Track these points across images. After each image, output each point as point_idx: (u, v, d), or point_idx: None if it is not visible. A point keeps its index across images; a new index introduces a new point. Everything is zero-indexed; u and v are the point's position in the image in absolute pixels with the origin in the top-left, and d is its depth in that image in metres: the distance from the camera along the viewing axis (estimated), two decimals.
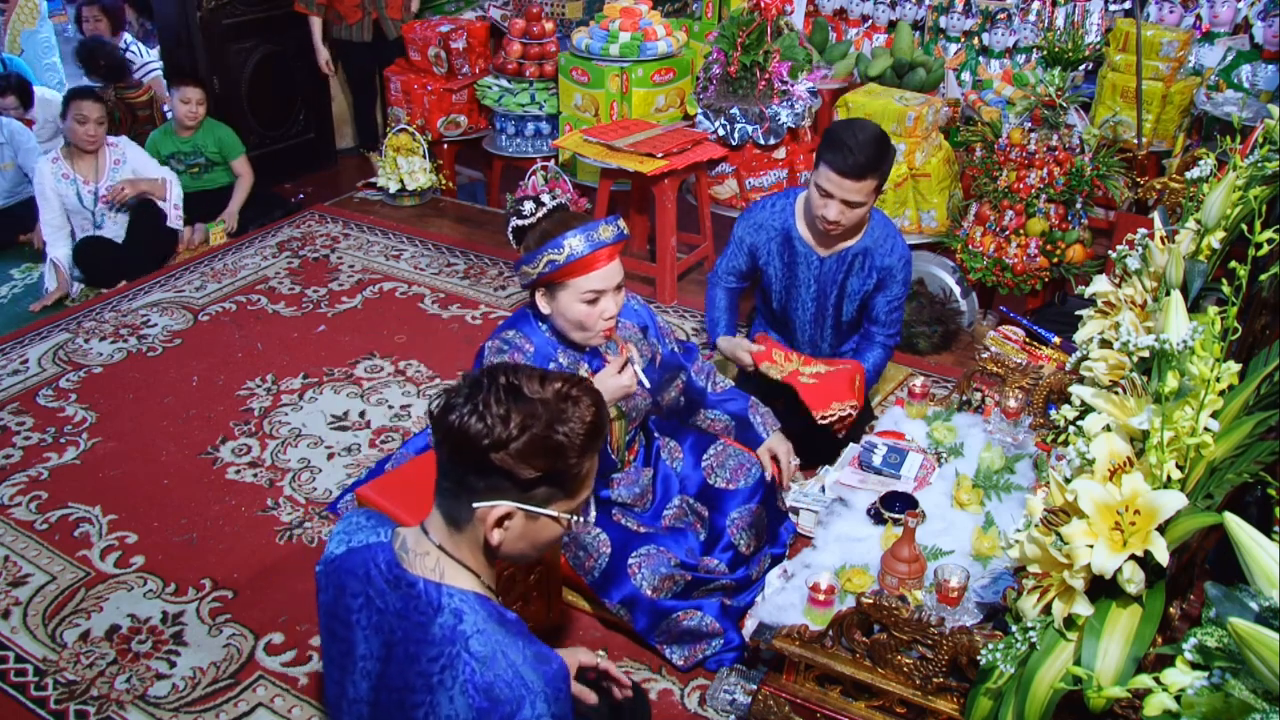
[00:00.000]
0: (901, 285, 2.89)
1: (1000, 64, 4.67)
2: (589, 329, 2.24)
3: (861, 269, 2.88)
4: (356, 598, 1.39)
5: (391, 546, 1.40)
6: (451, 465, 1.33)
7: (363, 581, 1.39)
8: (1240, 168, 1.90)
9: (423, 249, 4.50)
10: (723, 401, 2.65)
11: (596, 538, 2.40)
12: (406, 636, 1.33)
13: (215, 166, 4.72)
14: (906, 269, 2.89)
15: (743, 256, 3.00)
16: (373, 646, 1.38)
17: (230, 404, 3.37)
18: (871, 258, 2.87)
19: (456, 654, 1.29)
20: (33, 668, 2.36)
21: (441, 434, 1.31)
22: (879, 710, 1.79)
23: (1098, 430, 1.52)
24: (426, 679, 1.30)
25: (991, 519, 2.17)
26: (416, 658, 1.32)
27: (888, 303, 2.90)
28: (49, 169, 4.19)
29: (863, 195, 2.66)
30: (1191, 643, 1.16)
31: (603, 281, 2.20)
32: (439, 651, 1.30)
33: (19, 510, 2.87)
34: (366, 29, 4.84)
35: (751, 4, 4.01)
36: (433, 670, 1.30)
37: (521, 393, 1.29)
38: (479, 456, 1.28)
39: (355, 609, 1.39)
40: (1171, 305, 1.54)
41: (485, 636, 1.30)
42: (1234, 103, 4.00)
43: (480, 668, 1.28)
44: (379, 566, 1.38)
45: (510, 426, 1.27)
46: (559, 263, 2.16)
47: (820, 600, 1.95)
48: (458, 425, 1.28)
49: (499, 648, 1.30)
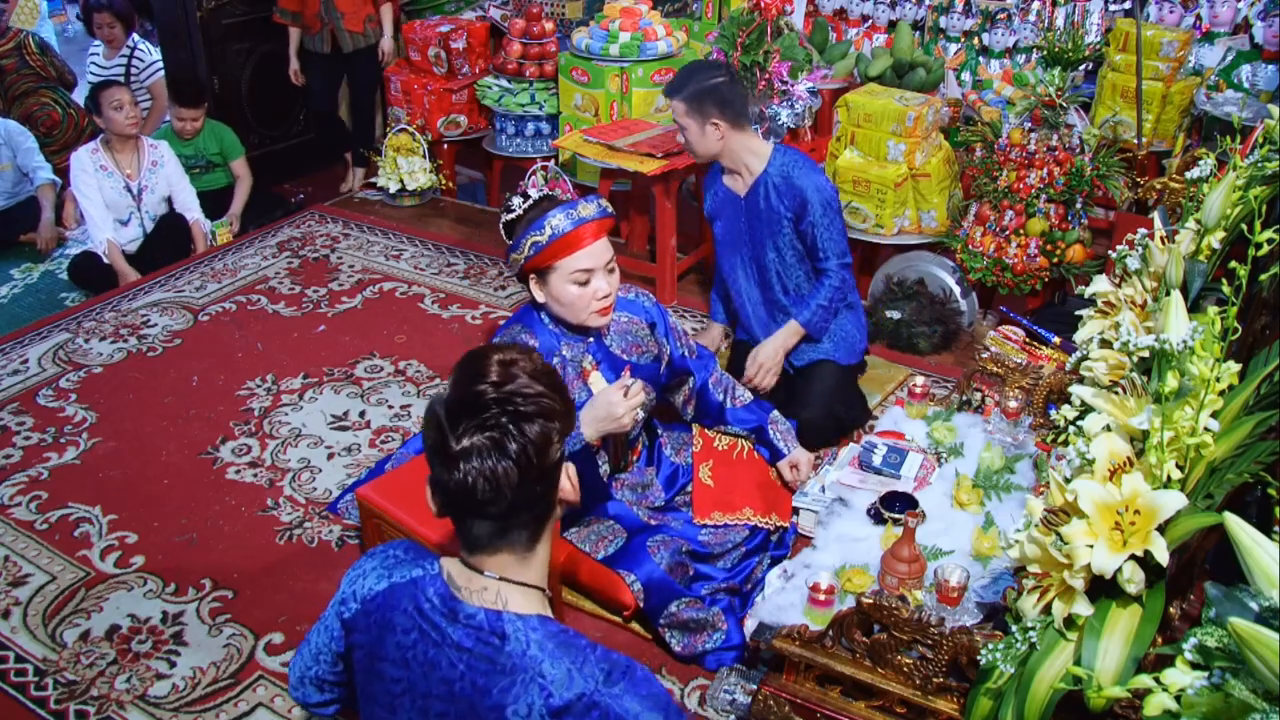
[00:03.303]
0: (820, 203, 2.95)
1: (1000, 64, 4.67)
2: (583, 310, 2.24)
3: (776, 193, 3.00)
4: (408, 633, 1.33)
5: (441, 579, 1.34)
6: (529, 492, 1.26)
7: (413, 617, 1.33)
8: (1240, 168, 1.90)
9: (423, 249, 4.50)
10: (741, 417, 2.64)
11: (610, 526, 2.41)
12: (471, 668, 1.28)
13: (216, 168, 4.73)
14: (821, 191, 2.96)
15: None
16: (432, 685, 1.31)
17: (230, 404, 3.37)
18: (774, 184, 3.01)
19: (530, 679, 1.25)
20: (33, 668, 2.36)
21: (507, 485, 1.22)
22: (879, 710, 1.79)
23: (1098, 430, 1.52)
24: (500, 711, 1.25)
25: (991, 519, 2.17)
26: (487, 690, 1.27)
27: (816, 227, 2.96)
28: (89, 160, 4.21)
29: (677, 116, 2.99)
30: (1191, 643, 1.15)
31: (590, 259, 2.20)
32: (511, 681, 1.25)
33: (19, 510, 2.87)
34: (325, 40, 4.79)
35: (751, 4, 4.01)
36: (505, 701, 1.25)
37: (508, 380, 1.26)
38: (550, 452, 1.26)
39: (408, 645, 1.33)
40: (1171, 305, 1.54)
41: (555, 660, 1.26)
42: (1234, 103, 3.99)
43: (558, 693, 1.24)
44: (431, 600, 1.32)
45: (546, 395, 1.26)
46: (542, 243, 2.16)
47: (820, 600, 1.95)
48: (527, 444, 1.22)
49: (573, 665, 1.25)
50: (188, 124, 4.57)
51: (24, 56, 5.11)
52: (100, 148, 4.24)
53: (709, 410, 2.64)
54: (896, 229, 3.90)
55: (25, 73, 5.09)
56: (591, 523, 2.43)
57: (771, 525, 2.54)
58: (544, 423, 1.24)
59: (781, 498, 2.62)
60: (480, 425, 1.22)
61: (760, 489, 2.58)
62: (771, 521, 2.54)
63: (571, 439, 2.18)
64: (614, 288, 2.27)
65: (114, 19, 5.23)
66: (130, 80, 5.32)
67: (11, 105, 5.15)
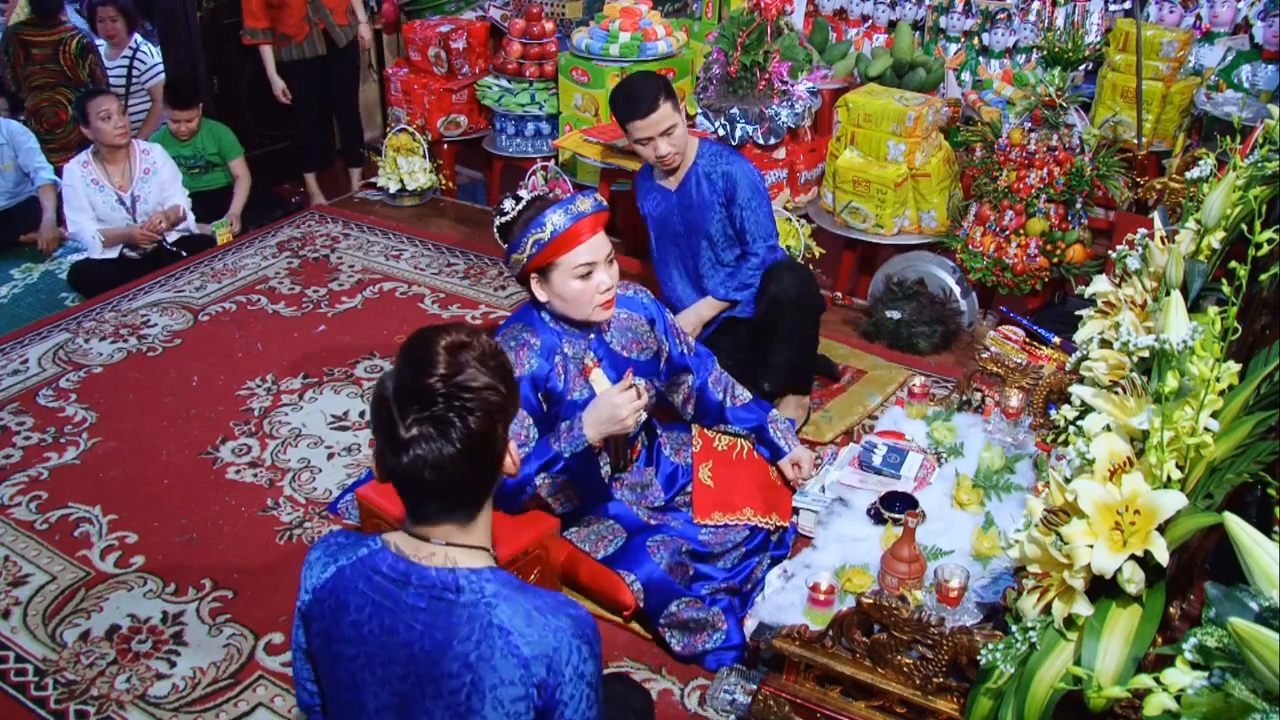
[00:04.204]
0: (748, 189, 3.07)
1: (1000, 64, 4.67)
2: (587, 305, 2.24)
3: (704, 181, 3.10)
4: (362, 610, 1.38)
5: (389, 551, 1.39)
6: (475, 475, 1.33)
7: (364, 594, 1.38)
8: (1240, 168, 1.90)
9: (423, 249, 4.50)
10: (741, 416, 2.64)
11: (610, 526, 2.41)
12: (430, 626, 1.33)
13: (215, 168, 4.72)
14: (748, 176, 3.08)
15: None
16: (392, 651, 1.36)
17: (230, 404, 3.37)
18: (709, 171, 3.11)
19: (488, 624, 1.30)
20: (33, 668, 2.36)
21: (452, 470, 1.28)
22: (879, 710, 1.79)
23: (1098, 430, 1.52)
24: (464, 659, 1.31)
25: (991, 519, 2.17)
26: (446, 643, 1.32)
27: (743, 210, 3.07)
28: (79, 173, 4.16)
29: (669, 119, 2.97)
30: (1191, 643, 1.15)
31: (590, 253, 2.20)
32: (470, 629, 1.31)
33: (19, 510, 2.87)
34: (317, 41, 4.66)
35: (751, 4, 4.01)
36: (468, 649, 1.31)
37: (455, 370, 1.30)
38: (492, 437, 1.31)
39: (364, 621, 1.37)
40: (1171, 305, 1.54)
41: (510, 603, 1.32)
42: (1234, 103, 3.99)
43: (517, 631, 1.30)
44: (380, 572, 1.37)
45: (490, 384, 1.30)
46: (544, 240, 2.17)
47: (820, 600, 1.95)
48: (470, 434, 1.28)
49: (526, 607, 1.32)
50: (183, 125, 4.55)
51: (59, 53, 5.05)
52: (91, 160, 4.18)
53: (708, 409, 2.64)
54: (896, 229, 3.90)
55: (51, 68, 5.05)
56: (591, 523, 2.43)
57: (771, 525, 2.54)
58: (486, 415, 1.30)
59: (781, 498, 2.62)
60: (428, 417, 1.27)
61: (760, 489, 2.58)
62: (771, 521, 2.54)
63: (574, 440, 2.18)
64: (614, 280, 2.27)
65: (118, 14, 5.22)
66: (131, 82, 5.32)
67: (27, 95, 5.13)
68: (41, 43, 5.01)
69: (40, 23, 5.04)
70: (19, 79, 5.13)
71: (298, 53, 4.70)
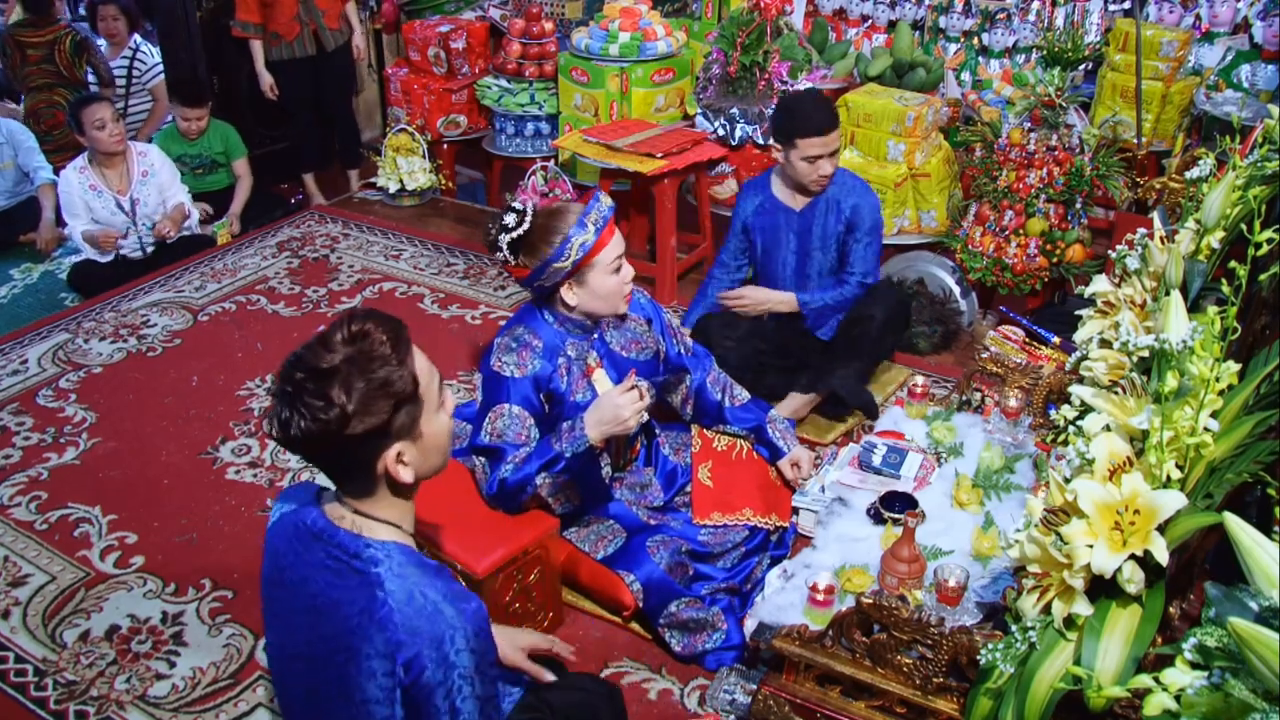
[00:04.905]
0: (870, 224, 3.13)
1: (1000, 64, 4.67)
2: (618, 297, 2.31)
3: (833, 211, 3.13)
4: (287, 556, 1.44)
5: (318, 509, 1.45)
6: (328, 463, 1.39)
7: (290, 541, 1.44)
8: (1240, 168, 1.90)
9: (422, 249, 4.50)
10: (740, 416, 2.64)
11: (610, 526, 2.41)
12: (329, 584, 1.38)
13: (219, 168, 4.73)
14: (875, 212, 3.14)
15: (739, 237, 3.29)
16: (301, 599, 1.41)
17: (230, 404, 3.37)
18: (839, 200, 3.13)
19: (372, 595, 1.34)
20: (33, 668, 2.36)
21: (301, 451, 1.35)
22: (879, 710, 1.79)
23: (1097, 430, 1.52)
24: (348, 623, 1.34)
25: (991, 519, 2.17)
26: (339, 604, 1.36)
27: (858, 243, 3.13)
28: (76, 179, 4.13)
29: (838, 142, 3.04)
30: (1191, 643, 1.15)
31: (619, 246, 2.28)
32: (355, 595, 1.35)
33: (19, 510, 2.87)
34: (308, 42, 4.66)
35: (751, 4, 4.01)
36: (352, 614, 1.34)
37: (322, 370, 1.31)
38: (340, 441, 1.32)
39: (286, 567, 1.44)
40: (1171, 305, 1.54)
41: (401, 579, 1.35)
42: (1234, 103, 4.00)
43: (397, 606, 1.33)
44: (305, 524, 1.43)
45: (337, 403, 1.30)
46: (590, 242, 2.20)
47: (820, 600, 1.95)
48: (302, 434, 1.30)
49: (416, 587, 1.35)
50: (193, 124, 4.56)
51: (54, 52, 5.03)
52: (88, 165, 4.15)
53: (707, 409, 2.64)
54: (896, 229, 3.91)
55: (47, 68, 5.03)
56: (591, 523, 2.43)
57: (771, 525, 2.54)
58: (320, 425, 1.30)
59: (781, 498, 2.62)
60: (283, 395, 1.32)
61: (760, 489, 2.58)
62: (771, 522, 2.54)
63: (575, 440, 2.18)
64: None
65: (119, 13, 5.21)
66: (132, 81, 5.31)
67: (26, 96, 5.12)
68: (36, 43, 5.00)
69: (34, 23, 5.03)
70: (17, 80, 5.12)
71: (287, 52, 4.69)
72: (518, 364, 2.26)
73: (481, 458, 2.27)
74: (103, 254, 4.20)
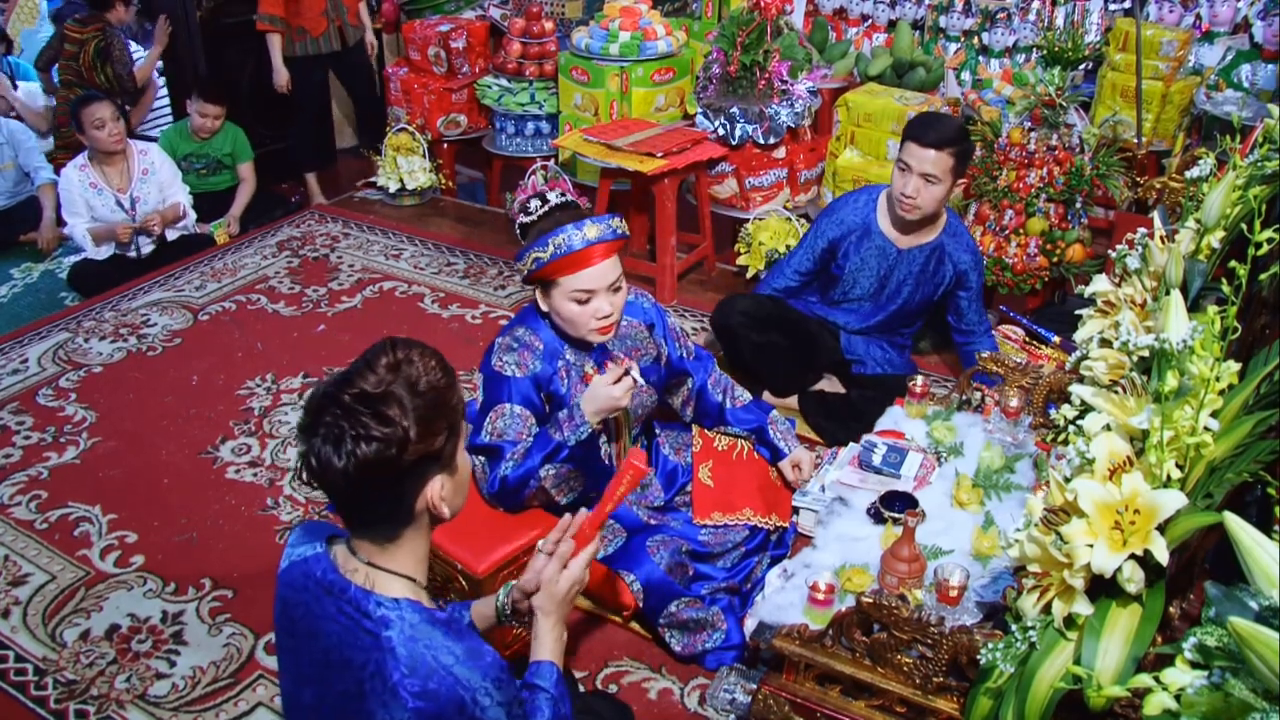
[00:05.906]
0: (978, 281, 3.10)
1: (1000, 63, 4.67)
2: (582, 328, 2.24)
3: (940, 262, 3.04)
4: (298, 607, 1.41)
5: (328, 555, 1.41)
6: (367, 500, 1.34)
7: (301, 591, 1.41)
8: (1240, 167, 1.90)
9: (423, 249, 4.50)
10: (741, 418, 2.64)
11: (610, 527, 2.41)
12: (341, 642, 1.34)
13: (224, 169, 4.73)
14: (979, 266, 3.10)
15: (816, 254, 3.15)
16: (314, 654, 1.38)
17: (230, 403, 3.37)
18: (948, 252, 3.04)
19: (382, 659, 1.30)
20: (33, 667, 2.36)
21: (341, 482, 1.29)
22: (879, 710, 1.79)
23: (1098, 430, 1.52)
24: (359, 685, 1.31)
25: (991, 519, 2.17)
26: (350, 663, 1.33)
27: (968, 300, 3.11)
28: (76, 177, 4.14)
29: (939, 170, 2.83)
30: (1191, 642, 1.15)
31: (592, 281, 2.18)
32: (366, 658, 1.32)
33: (19, 510, 2.87)
34: (334, 37, 4.75)
35: (751, 4, 4.01)
36: (363, 677, 1.31)
37: (375, 394, 1.28)
38: (394, 469, 1.29)
39: (297, 619, 1.41)
40: (1171, 305, 1.54)
41: (412, 643, 1.31)
42: (1234, 102, 4.00)
43: (409, 672, 1.29)
44: (315, 576, 1.40)
45: (399, 423, 1.27)
46: (544, 260, 2.16)
47: (820, 600, 1.94)
48: (356, 462, 1.26)
49: (428, 651, 1.31)
50: (209, 121, 4.55)
51: (80, 53, 4.91)
52: (88, 164, 4.16)
53: (708, 411, 2.64)
54: None
55: (73, 65, 4.86)
56: None
57: (771, 525, 2.54)
58: (381, 447, 1.27)
59: (781, 498, 2.61)
60: (331, 423, 1.27)
61: (760, 489, 2.58)
62: (771, 521, 2.54)
63: (577, 428, 2.18)
64: (616, 308, 2.25)
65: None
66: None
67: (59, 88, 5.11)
68: (74, 39, 4.95)
69: (83, 20, 4.92)
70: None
71: (313, 47, 4.76)
72: (518, 364, 2.26)
73: (481, 457, 2.26)
74: (118, 247, 4.21)
